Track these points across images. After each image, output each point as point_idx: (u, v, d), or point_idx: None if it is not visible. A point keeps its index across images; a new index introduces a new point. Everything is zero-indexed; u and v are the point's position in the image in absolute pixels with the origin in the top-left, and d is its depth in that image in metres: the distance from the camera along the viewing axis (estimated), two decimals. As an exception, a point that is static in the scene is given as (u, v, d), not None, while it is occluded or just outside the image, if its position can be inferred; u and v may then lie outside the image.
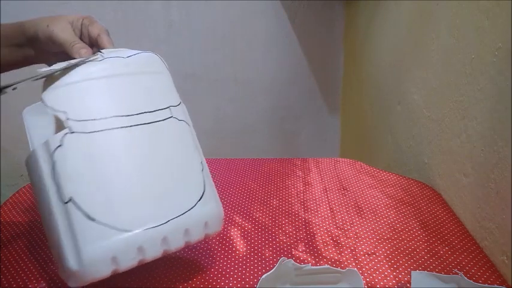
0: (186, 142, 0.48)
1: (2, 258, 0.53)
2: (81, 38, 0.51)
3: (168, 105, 0.47)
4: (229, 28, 1.32)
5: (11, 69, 0.55)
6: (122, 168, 0.42)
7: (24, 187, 0.72)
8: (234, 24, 1.32)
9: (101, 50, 0.49)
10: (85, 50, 0.48)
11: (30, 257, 0.53)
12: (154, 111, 0.46)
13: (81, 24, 0.51)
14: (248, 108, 1.43)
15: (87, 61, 0.46)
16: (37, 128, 0.44)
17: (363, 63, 1.20)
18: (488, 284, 0.49)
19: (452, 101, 0.66)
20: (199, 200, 0.45)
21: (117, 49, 0.50)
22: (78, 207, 0.39)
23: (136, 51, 0.49)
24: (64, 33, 0.49)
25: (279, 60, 1.39)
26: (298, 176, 0.77)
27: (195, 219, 0.44)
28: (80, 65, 0.46)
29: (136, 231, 0.40)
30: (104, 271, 0.38)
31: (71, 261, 0.38)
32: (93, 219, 0.38)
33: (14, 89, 0.42)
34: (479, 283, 0.48)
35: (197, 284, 0.49)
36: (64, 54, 0.48)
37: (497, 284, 0.48)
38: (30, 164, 0.42)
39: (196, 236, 0.44)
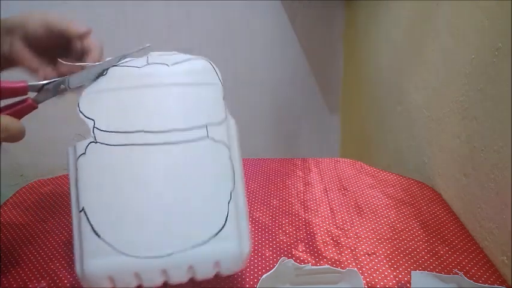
0: (216, 168, 0.42)
1: (2, 258, 0.53)
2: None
3: (205, 123, 0.43)
4: (229, 28, 1.32)
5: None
6: (136, 189, 0.40)
7: (24, 187, 0.72)
8: (234, 24, 1.32)
9: (149, 54, 0.45)
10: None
11: (30, 256, 0.53)
12: (188, 129, 0.42)
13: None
14: (248, 108, 1.43)
15: (127, 64, 0.44)
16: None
17: (363, 63, 1.20)
18: (488, 284, 0.49)
19: (452, 101, 0.66)
20: (215, 236, 0.39)
21: (166, 53, 0.46)
22: (88, 220, 0.38)
23: (186, 58, 0.46)
24: (62, 19, 0.45)
25: (279, 60, 1.39)
26: (299, 176, 0.76)
27: (202, 256, 0.39)
28: (123, 59, 0.44)
29: (135, 257, 0.38)
30: (101, 285, 0.38)
31: (78, 267, 0.39)
32: (98, 235, 0.38)
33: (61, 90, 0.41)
34: (479, 283, 0.48)
35: (197, 283, 0.49)
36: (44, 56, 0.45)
37: (497, 284, 0.48)
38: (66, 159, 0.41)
39: (202, 275, 0.39)
